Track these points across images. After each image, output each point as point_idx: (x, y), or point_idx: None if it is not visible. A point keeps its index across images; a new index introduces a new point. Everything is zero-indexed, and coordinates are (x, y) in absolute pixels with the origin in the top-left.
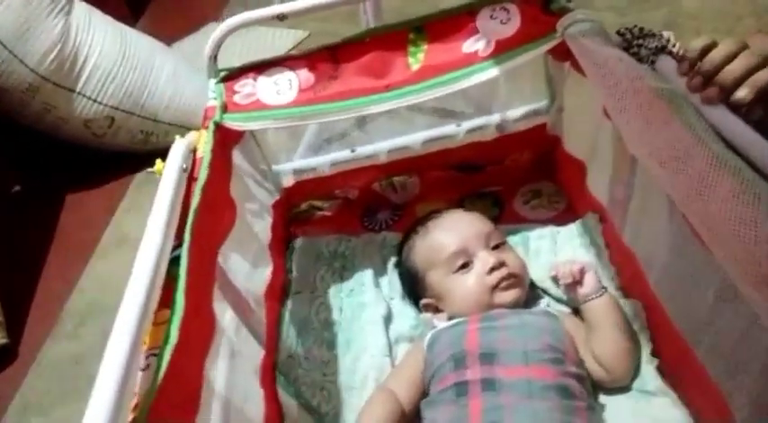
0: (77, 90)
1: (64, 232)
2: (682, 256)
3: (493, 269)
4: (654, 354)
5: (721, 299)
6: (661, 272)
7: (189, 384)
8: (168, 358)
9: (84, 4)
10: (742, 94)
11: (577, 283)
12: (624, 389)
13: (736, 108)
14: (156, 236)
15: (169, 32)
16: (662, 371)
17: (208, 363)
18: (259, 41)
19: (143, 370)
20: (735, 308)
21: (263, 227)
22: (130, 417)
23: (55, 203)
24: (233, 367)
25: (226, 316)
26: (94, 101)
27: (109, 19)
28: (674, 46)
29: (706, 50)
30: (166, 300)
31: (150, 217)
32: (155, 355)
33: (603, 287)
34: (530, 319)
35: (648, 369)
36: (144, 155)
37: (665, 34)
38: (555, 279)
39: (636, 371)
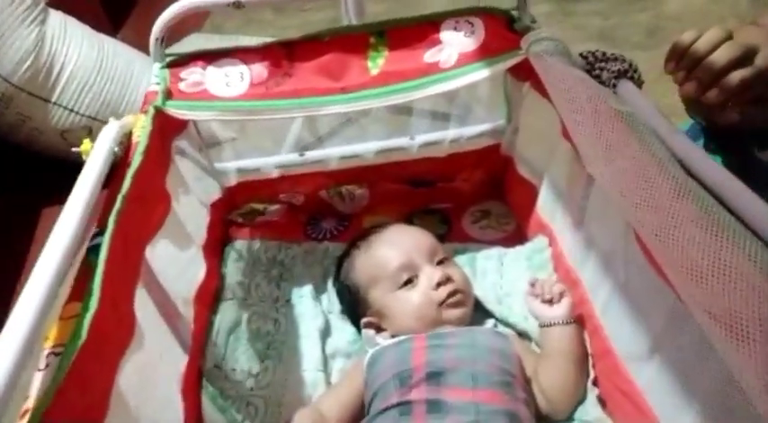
0: (53, 100)
1: (40, 247)
2: (631, 284)
3: (439, 284)
4: (595, 383)
5: (669, 329)
6: (607, 299)
7: (95, 389)
8: (73, 358)
9: (59, 12)
10: (712, 95)
11: (550, 302)
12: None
13: (711, 107)
14: (72, 219)
15: (149, 44)
16: (602, 400)
17: (122, 365)
18: None
19: (41, 370)
20: (682, 338)
21: (198, 226)
22: None
23: (30, 217)
24: (151, 374)
25: (149, 317)
26: (71, 111)
27: (86, 28)
28: (635, 71)
29: (690, 45)
30: (79, 292)
31: (69, 198)
32: (57, 354)
33: (572, 319)
34: (480, 339)
35: (590, 398)
36: (78, 152)
37: (627, 59)
38: (531, 287)
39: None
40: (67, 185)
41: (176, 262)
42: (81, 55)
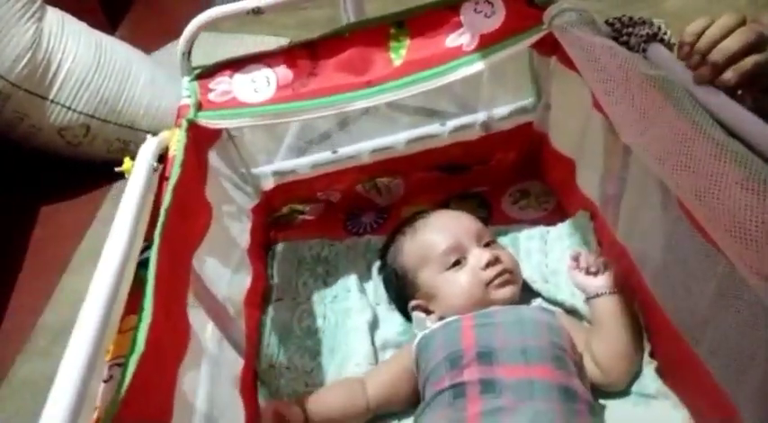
0: (50, 97)
1: (37, 246)
2: (679, 251)
3: (488, 264)
4: (652, 355)
5: (723, 293)
6: (657, 268)
7: (158, 396)
8: (134, 368)
9: (57, 10)
10: (727, 76)
11: (594, 274)
12: (623, 391)
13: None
14: (122, 236)
15: (148, 42)
16: (661, 373)
17: (181, 372)
18: (240, 52)
19: (105, 381)
20: (738, 303)
21: (241, 231)
22: None
23: (28, 215)
24: (210, 377)
25: (202, 323)
26: (69, 108)
27: (83, 25)
28: (665, 33)
29: (704, 31)
30: (134, 305)
31: (116, 216)
32: (119, 364)
33: (618, 289)
34: (527, 315)
35: (648, 371)
36: (121, 164)
37: (656, 22)
38: (573, 261)
39: (635, 374)
40: (65, 183)
41: (223, 268)
42: (78, 52)
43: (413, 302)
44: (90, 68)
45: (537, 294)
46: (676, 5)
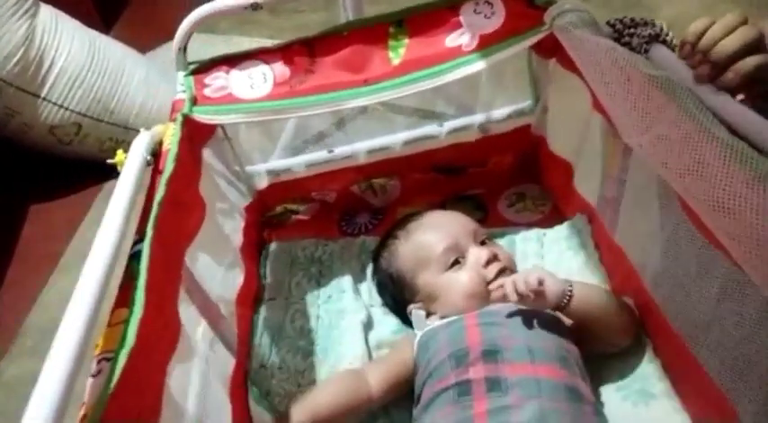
0: (42, 95)
1: (26, 244)
2: (680, 253)
3: (488, 262)
4: (656, 352)
5: (725, 296)
6: (656, 271)
7: (147, 393)
8: (124, 363)
9: (50, 7)
10: (728, 77)
11: (541, 293)
12: (625, 390)
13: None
14: (113, 227)
15: (142, 42)
16: (667, 372)
17: (170, 369)
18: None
19: (94, 376)
20: (740, 305)
21: (234, 230)
22: None
23: (17, 214)
24: (199, 377)
25: (193, 321)
26: (60, 106)
27: (77, 23)
28: (667, 34)
29: (706, 30)
30: (125, 298)
31: (108, 208)
32: (108, 359)
33: (568, 282)
34: (532, 314)
35: (652, 369)
36: (113, 164)
37: (658, 23)
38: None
39: (639, 371)
40: (55, 181)
41: (216, 266)
42: (72, 50)
43: (412, 306)
44: (83, 67)
45: None
46: (672, 13)
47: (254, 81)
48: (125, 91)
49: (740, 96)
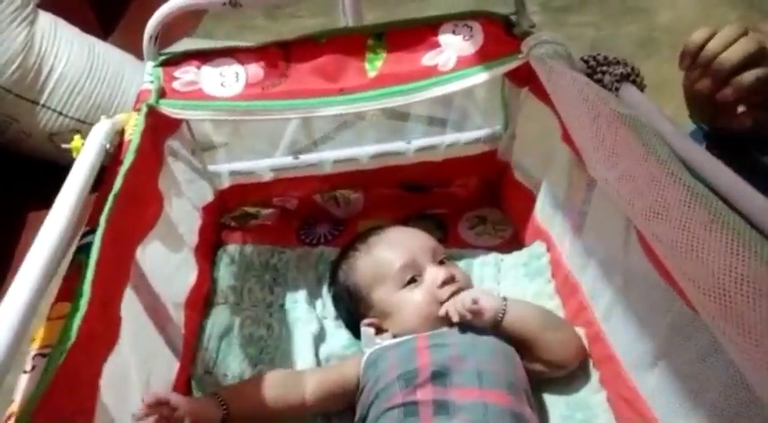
0: (41, 102)
1: (25, 251)
2: (634, 289)
3: (444, 283)
4: (601, 383)
5: (675, 334)
6: (609, 304)
7: (83, 392)
8: (62, 359)
9: (49, 14)
10: (726, 92)
11: (478, 312)
12: (570, 421)
13: (723, 109)
14: (61, 216)
15: (141, 48)
16: (611, 404)
17: (105, 370)
18: None
19: (27, 372)
20: (688, 343)
21: (190, 229)
22: None
23: (16, 221)
24: (140, 378)
25: (138, 320)
26: (60, 113)
27: (76, 30)
28: (637, 75)
29: (706, 42)
30: (68, 291)
31: (59, 195)
32: (44, 355)
33: (503, 298)
34: (482, 339)
35: (597, 400)
36: (68, 149)
37: (629, 63)
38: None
39: (584, 401)
40: (55, 189)
41: (167, 264)
42: (71, 57)
43: (366, 321)
44: (82, 73)
45: None
46: (668, 19)
47: (226, 79)
48: (124, 97)
49: (741, 108)
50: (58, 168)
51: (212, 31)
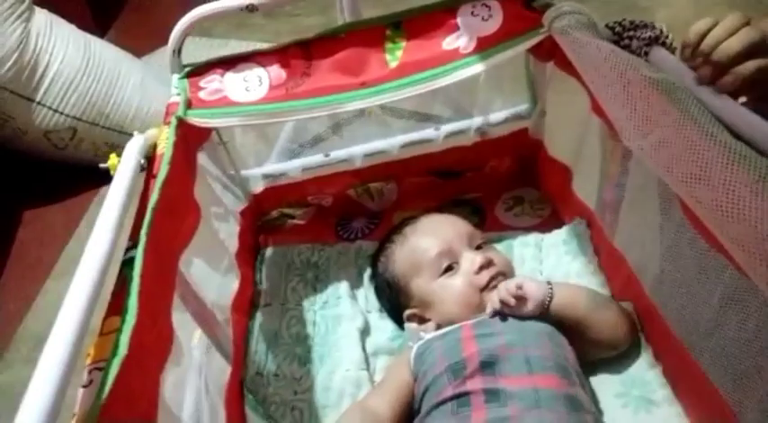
0: (37, 99)
1: (21, 250)
2: (681, 258)
3: (482, 268)
4: (657, 358)
5: (729, 301)
6: (656, 275)
7: (140, 403)
8: (116, 372)
9: (45, 11)
10: (728, 80)
11: (523, 299)
12: (626, 398)
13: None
14: (106, 233)
15: (138, 46)
16: (668, 378)
17: (163, 379)
18: None
19: (85, 387)
20: (743, 311)
21: (229, 235)
22: None
23: (11, 219)
24: (194, 385)
25: (187, 328)
26: (55, 111)
27: (72, 27)
28: (666, 37)
29: (708, 31)
30: (117, 306)
31: (101, 213)
32: (100, 369)
33: (547, 282)
34: (527, 324)
35: (653, 376)
36: (106, 168)
37: (658, 25)
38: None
39: (639, 377)
40: (50, 186)
41: (210, 272)
42: (67, 54)
43: (408, 312)
44: (78, 71)
45: None
46: (667, 16)
47: (250, 84)
48: (120, 95)
49: (742, 99)
50: (53, 166)
51: (210, 29)
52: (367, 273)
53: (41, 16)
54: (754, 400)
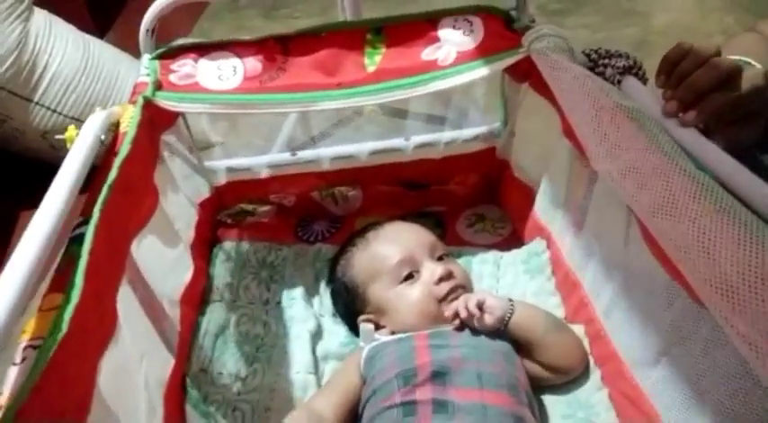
0: (35, 100)
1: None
2: (635, 285)
3: (442, 279)
4: (603, 381)
5: (677, 330)
6: (610, 302)
7: (75, 388)
8: (52, 352)
9: (44, 11)
10: (689, 117)
11: (484, 312)
12: (571, 420)
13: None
14: (54, 206)
15: (137, 46)
16: (612, 401)
17: (101, 366)
18: None
19: (17, 364)
20: (690, 340)
21: (186, 225)
22: None
23: (8, 220)
24: (133, 375)
25: (133, 315)
26: (54, 111)
27: (71, 28)
28: (639, 67)
29: (679, 60)
30: (61, 283)
31: (52, 185)
32: (35, 346)
33: (509, 300)
34: (483, 341)
35: (598, 399)
36: (61, 140)
37: (631, 56)
38: (460, 323)
39: (585, 399)
40: (48, 187)
41: (163, 260)
42: (66, 54)
43: (363, 316)
44: (77, 71)
45: None
46: (664, 23)
47: (224, 72)
48: (119, 96)
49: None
50: (52, 167)
51: (209, 31)
52: (324, 276)
53: (40, 16)
54: None
